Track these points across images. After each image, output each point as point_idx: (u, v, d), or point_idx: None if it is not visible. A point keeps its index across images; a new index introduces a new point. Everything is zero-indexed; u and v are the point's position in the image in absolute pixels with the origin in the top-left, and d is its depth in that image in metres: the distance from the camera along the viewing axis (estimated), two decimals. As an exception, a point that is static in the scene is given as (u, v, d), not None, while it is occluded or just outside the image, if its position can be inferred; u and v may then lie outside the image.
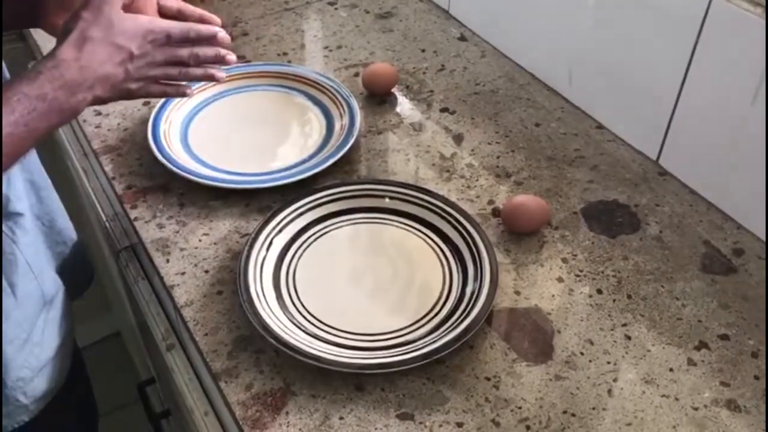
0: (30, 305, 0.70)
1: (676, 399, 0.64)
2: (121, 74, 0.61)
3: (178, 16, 0.70)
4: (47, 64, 0.57)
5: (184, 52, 0.64)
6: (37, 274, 0.71)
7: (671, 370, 0.66)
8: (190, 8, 0.71)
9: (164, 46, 0.63)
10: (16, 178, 0.68)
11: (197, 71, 0.66)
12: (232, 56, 0.66)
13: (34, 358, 0.72)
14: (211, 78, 0.67)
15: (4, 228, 0.66)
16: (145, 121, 0.90)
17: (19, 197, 0.69)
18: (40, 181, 0.73)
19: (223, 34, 0.66)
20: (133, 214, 0.81)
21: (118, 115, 0.95)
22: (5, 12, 0.70)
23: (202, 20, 0.70)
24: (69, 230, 0.79)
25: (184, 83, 0.67)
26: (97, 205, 0.91)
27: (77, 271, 0.82)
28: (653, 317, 0.71)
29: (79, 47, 0.58)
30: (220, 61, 0.66)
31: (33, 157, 0.72)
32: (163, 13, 0.71)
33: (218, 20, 0.70)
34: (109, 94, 0.61)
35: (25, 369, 0.71)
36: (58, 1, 0.70)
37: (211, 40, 0.65)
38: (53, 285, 0.75)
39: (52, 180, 0.78)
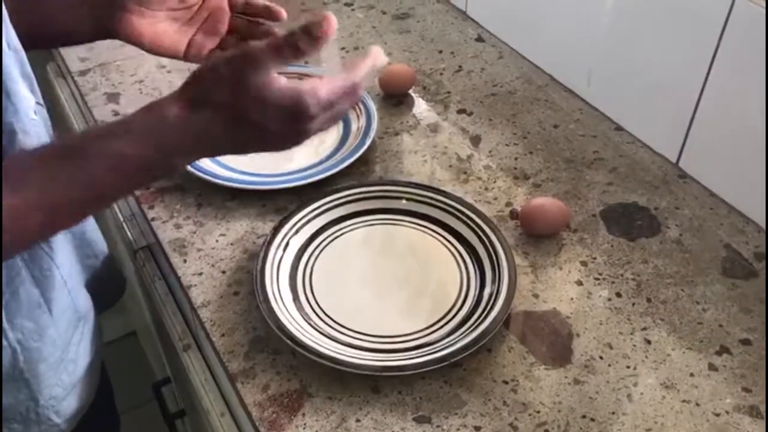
0: (65, 322, 0.69)
1: (697, 404, 0.63)
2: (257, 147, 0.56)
3: (246, 7, 0.71)
4: (145, 118, 0.51)
5: (344, 106, 0.57)
6: (71, 290, 0.69)
7: (692, 375, 0.65)
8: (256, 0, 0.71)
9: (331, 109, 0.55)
10: None
11: None
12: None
13: (68, 376, 0.70)
14: None
15: (42, 245, 0.64)
16: (162, 122, 0.90)
17: None
18: None
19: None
20: (150, 214, 0.81)
21: (136, 115, 0.95)
22: (78, 27, 0.70)
23: (267, 11, 0.71)
24: (100, 242, 0.77)
25: None
26: (114, 206, 0.91)
27: (107, 284, 0.80)
28: (673, 321, 0.70)
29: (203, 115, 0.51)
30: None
31: None
32: (232, 5, 0.71)
33: (284, 13, 0.71)
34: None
35: (58, 387, 0.69)
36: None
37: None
38: (86, 300, 0.73)
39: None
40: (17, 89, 0.58)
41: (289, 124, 0.53)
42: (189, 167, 0.83)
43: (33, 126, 0.60)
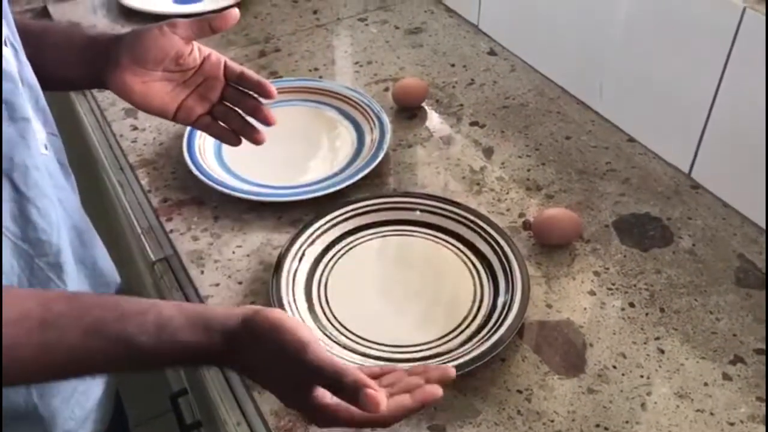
0: None
1: (712, 414, 0.63)
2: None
3: (240, 79, 0.71)
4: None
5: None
6: None
7: (706, 384, 0.65)
8: (249, 73, 0.71)
9: None
10: (61, 226, 0.64)
11: None
12: None
13: (79, 409, 0.69)
14: None
15: (53, 277, 0.63)
16: (180, 136, 0.92)
17: (65, 245, 0.65)
18: (81, 224, 0.70)
19: None
20: (168, 226, 0.83)
21: (154, 129, 0.97)
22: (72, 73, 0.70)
23: (259, 85, 0.70)
24: (111, 271, 0.75)
25: None
26: (133, 218, 0.92)
27: None
28: (687, 331, 0.70)
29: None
30: None
31: (74, 201, 0.69)
32: (227, 75, 0.71)
33: (275, 92, 0.70)
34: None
35: (71, 421, 0.69)
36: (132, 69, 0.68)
37: None
38: None
39: (87, 192, 0.78)
40: (30, 126, 0.58)
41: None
42: (206, 180, 0.84)
43: (43, 161, 0.60)
